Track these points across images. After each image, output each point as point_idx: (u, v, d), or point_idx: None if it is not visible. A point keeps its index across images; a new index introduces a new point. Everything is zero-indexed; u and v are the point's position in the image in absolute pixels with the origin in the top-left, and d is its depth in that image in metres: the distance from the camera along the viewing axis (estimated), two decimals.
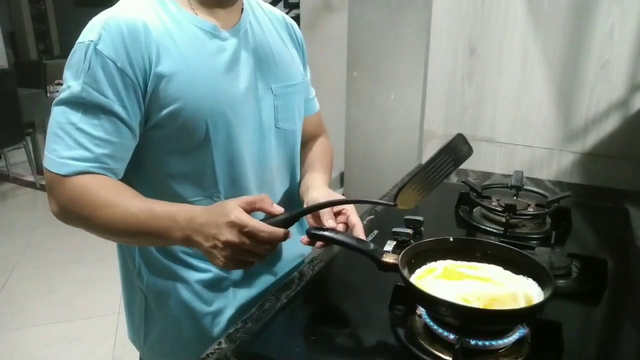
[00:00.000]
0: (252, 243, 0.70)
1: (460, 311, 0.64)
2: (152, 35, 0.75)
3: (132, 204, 0.74)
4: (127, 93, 0.74)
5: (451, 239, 0.79)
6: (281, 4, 3.82)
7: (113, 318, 2.43)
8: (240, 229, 0.69)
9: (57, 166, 0.74)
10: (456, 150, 0.70)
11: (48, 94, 4.43)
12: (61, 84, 0.79)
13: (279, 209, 0.76)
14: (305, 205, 0.89)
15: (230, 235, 0.69)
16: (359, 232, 0.80)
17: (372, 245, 0.76)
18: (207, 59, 0.80)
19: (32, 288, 2.75)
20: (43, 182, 4.28)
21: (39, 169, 4.40)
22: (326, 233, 0.78)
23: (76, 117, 0.73)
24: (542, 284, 0.69)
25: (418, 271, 0.75)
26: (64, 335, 2.34)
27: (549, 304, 0.64)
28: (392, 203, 0.72)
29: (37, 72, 4.74)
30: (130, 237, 0.78)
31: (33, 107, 4.10)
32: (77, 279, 2.84)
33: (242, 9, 0.88)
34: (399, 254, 0.74)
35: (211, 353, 0.69)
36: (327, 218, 0.80)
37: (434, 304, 0.66)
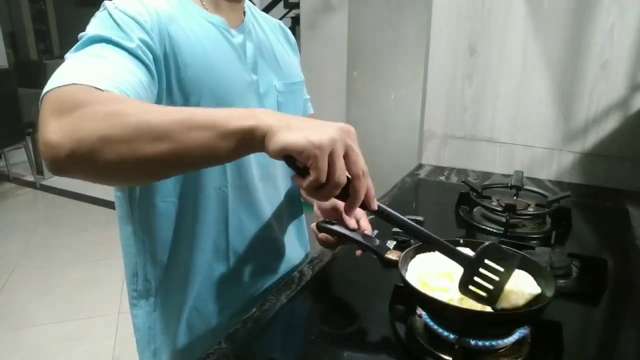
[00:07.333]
0: (354, 156, 0.58)
1: (456, 313, 0.63)
2: (163, 20, 0.74)
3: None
4: (150, 43, 0.71)
5: (461, 241, 0.77)
6: (281, 4, 3.81)
7: (113, 318, 2.43)
8: (350, 136, 0.57)
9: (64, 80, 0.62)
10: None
11: None
12: None
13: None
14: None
15: (336, 132, 0.55)
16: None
17: (377, 242, 0.78)
18: (219, 50, 0.81)
19: (32, 288, 2.75)
20: (43, 182, 4.29)
21: (39, 169, 4.40)
22: (335, 227, 0.81)
23: (96, 49, 0.65)
24: (544, 285, 0.69)
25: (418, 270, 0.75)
26: (64, 335, 2.34)
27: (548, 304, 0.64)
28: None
29: (37, 72, 4.74)
30: (168, 134, 0.53)
31: (33, 107, 4.08)
32: (77, 279, 2.84)
33: (245, 13, 0.91)
34: (402, 251, 0.74)
35: (211, 353, 0.69)
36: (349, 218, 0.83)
37: (431, 306, 0.66)
